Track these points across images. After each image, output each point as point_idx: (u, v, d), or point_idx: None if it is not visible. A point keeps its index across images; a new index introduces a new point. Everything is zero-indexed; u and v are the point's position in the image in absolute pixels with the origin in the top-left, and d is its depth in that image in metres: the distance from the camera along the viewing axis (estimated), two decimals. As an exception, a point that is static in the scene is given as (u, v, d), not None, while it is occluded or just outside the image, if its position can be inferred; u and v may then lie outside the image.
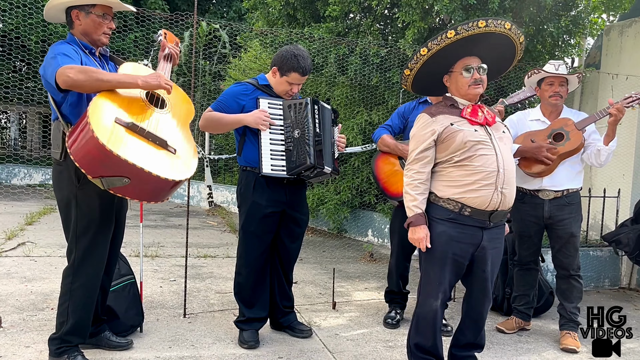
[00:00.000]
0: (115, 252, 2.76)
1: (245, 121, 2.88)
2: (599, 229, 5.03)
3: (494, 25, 2.31)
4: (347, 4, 5.91)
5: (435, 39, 2.35)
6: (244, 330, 3.03)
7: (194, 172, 2.39)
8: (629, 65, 5.13)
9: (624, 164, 5.08)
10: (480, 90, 2.44)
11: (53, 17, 2.53)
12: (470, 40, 2.35)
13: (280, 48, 3.02)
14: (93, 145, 2.09)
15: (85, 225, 2.44)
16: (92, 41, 2.48)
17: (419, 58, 2.40)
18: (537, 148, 3.19)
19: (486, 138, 2.38)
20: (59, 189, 2.48)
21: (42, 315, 3.30)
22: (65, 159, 2.39)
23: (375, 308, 3.92)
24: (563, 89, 3.29)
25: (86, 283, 2.49)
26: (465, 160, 2.34)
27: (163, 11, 12.88)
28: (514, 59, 2.56)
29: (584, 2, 5.81)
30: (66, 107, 2.37)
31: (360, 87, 6.21)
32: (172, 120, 2.47)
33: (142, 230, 3.38)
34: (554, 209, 3.27)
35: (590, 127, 3.25)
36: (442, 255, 2.39)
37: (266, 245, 3.02)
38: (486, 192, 2.32)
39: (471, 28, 2.30)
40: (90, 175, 2.15)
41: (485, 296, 2.52)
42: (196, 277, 4.53)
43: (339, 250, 6.27)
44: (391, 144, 3.46)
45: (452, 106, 2.47)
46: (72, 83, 2.20)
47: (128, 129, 2.21)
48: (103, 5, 2.46)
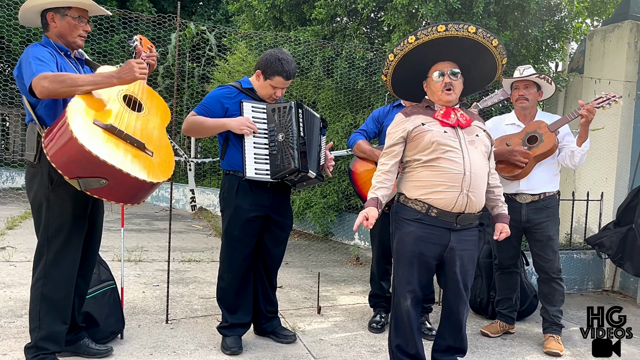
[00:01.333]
0: (91, 256, 2.71)
1: (229, 126, 2.84)
2: (582, 232, 5.06)
3: (454, 29, 2.33)
4: (333, 7, 5.91)
5: (398, 44, 2.42)
6: (227, 336, 2.99)
7: (171, 174, 2.40)
8: (611, 70, 5.18)
9: (607, 167, 5.13)
10: (452, 96, 2.46)
11: (28, 20, 2.51)
12: (440, 45, 2.39)
13: (265, 51, 3.00)
14: (71, 145, 2.08)
15: (57, 228, 2.42)
16: (67, 43, 2.47)
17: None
18: (509, 152, 3.23)
19: (455, 140, 2.40)
20: (32, 191, 2.46)
21: (20, 322, 3.23)
22: (39, 161, 2.37)
23: (360, 312, 3.91)
24: (529, 92, 3.31)
25: (58, 287, 2.45)
26: (433, 161, 2.37)
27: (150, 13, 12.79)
28: (496, 65, 2.54)
29: (568, 7, 5.87)
30: (41, 109, 2.35)
31: (346, 90, 6.20)
32: (149, 123, 2.47)
33: (123, 234, 3.32)
34: (532, 213, 3.29)
35: (564, 130, 3.28)
36: (410, 254, 2.43)
37: (250, 250, 2.99)
38: (451, 194, 2.34)
39: (430, 33, 2.35)
40: (67, 176, 2.13)
41: (459, 298, 2.52)
42: (180, 282, 4.48)
43: (325, 253, 6.25)
44: (367, 149, 3.44)
45: (428, 107, 2.53)
46: (48, 93, 2.20)
47: (106, 131, 2.20)
48: (79, 8, 2.45)
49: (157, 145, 2.40)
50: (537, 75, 3.28)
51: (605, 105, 3.13)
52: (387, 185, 2.47)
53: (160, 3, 14.09)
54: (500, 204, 2.63)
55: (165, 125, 2.59)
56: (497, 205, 2.63)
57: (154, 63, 2.65)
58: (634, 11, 5.30)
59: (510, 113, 3.50)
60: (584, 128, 3.15)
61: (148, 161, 2.28)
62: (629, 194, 4.38)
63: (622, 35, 5.14)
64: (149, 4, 13.24)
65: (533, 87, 3.32)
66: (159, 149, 2.39)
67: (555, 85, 3.36)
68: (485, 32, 2.36)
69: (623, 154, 5.10)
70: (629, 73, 5.08)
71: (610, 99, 3.13)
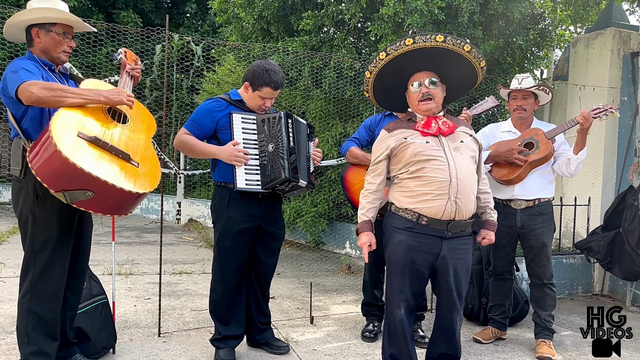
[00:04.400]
0: (81, 270, 2.70)
1: (219, 157, 2.85)
2: (571, 237, 5.12)
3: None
4: (321, 17, 5.96)
5: (394, 44, 2.43)
6: (220, 348, 2.98)
7: (157, 184, 2.40)
8: (595, 77, 5.27)
9: (594, 173, 5.20)
10: (431, 105, 2.47)
11: (13, 35, 2.52)
12: (417, 56, 2.42)
13: (252, 63, 3.01)
14: (56, 158, 2.08)
15: (43, 242, 2.42)
16: (52, 59, 2.47)
17: (377, 62, 2.49)
18: (508, 151, 3.26)
19: (438, 149, 2.41)
20: (18, 205, 2.46)
21: (10, 339, 3.19)
22: (25, 176, 2.38)
23: (353, 321, 3.91)
24: (527, 102, 3.35)
25: (44, 302, 2.44)
26: (419, 171, 2.39)
27: (136, 24, 12.78)
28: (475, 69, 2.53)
29: (551, 15, 5.97)
30: (27, 122, 2.36)
31: (335, 100, 6.24)
32: (134, 134, 2.48)
33: (114, 248, 3.31)
34: (526, 219, 3.32)
35: (560, 138, 3.32)
36: (402, 264, 2.45)
37: (242, 261, 2.99)
38: (439, 202, 2.36)
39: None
40: (52, 189, 2.13)
41: (453, 306, 2.53)
42: (171, 295, 4.46)
43: (317, 263, 6.25)
44: (359, 155, 3.47)
45: (410, 120, 2.55)
46: (36, 99, 2.19)
47: (91, 143, 2.21)
48: (64, 25, 2.46)
49: (143, 156, 2.41)
50: (537, 87, 3.32)
51: (602, 115, 3.18)
52: (376, 204, 2.55)
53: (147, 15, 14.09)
54: (489, 210, 2.65)
55: (151, 136, 2.61)
56: (485, 211, 2.65)
57: (138, 75, 2.67)
58: (616, 18, 5.40)
59: (507, 121, 3.54)
60: (580, 136, 3.18)
61: (134, 172, 2.29)
62: (615, 199, 4.44)
63: (605, 42, 5.23)
64: (135, 15, 13.24)
65: (531, 97, 3.36)
66: (144, 160, 2.40)
67: (552, 94, 3.40)
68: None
69: (609, 159, 5.18)
70: (613, 79, 5.17)
71: (607, 110, 3.18)
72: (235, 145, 2.82)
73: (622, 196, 4.31)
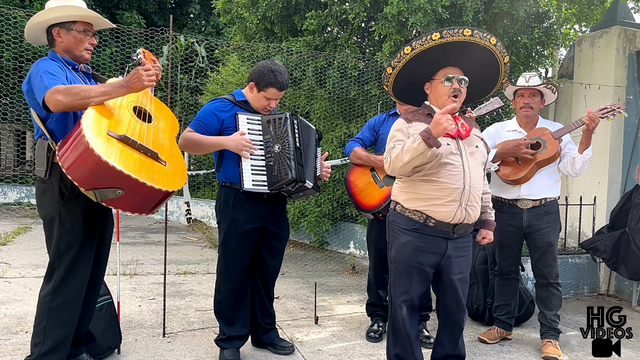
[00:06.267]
0: (101, 269, 2.72)
1: (226, 146, 2.83)
2: (576, 237, 5.09)
3: (479, 36, 2.30)
4: (324, 17, 5.95)
5: (419, 39, 2.33)
6: (225, 348, 2.98)
7: (184, 183, 2.41)
8: (600, 75, 5.24)
9: (599, 172, 5.17)
10: (457, 104, 2.42)
11: (34, 37, 2.52)
12: (454, 50, 2.35)
13: (257, 63, 3.01)
14: (88, 156, 2.08)
15: (69, 243, 2.42)
16: (74, 57, 2.48)
17: (402, 57, 2.38)
18: (515, 146, 3.24)
19: (456, 153, 2.37)
20: (43, 206, 2.45)
21: (15, 339, 3.20)
22: (50, 176, 2.38)
23: (358, 321, 3.90)
24: (534, 100, 3.33)
25: (67, 302, 2.44)
26: (434, 175, 2.34)
27: (139, 25, 12.80)
28: (497, 79, 2.52)
29: (556, 14, 5.95)
30: (52, 123, 2.36)
31: (339, 100, 6.23)
32: (160, 133, 2.49)
33: (118, 248, 3.31)
34: (533, 218, 3.30)
35: (566, 137, 3.30)
36: (408, 264, 2.43)
37: (246, 262, 2.99)
38: (450, 208, 2.34)
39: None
40: (83, 188, 2.14)
41: (458, 305, 2.52)
42: (176, 295, 4.46)
43: (321, 263, 6.24)
44: (363, 155, 3.47)
45: (429, 115, 2.45)
46: (64, 106, 2.20)
47: (120, 142, 2.21)
48: (84, 22, 2.47)
49: (169, 154, 2.42)
50: (545, 85, 3.30)
51: (610, 115, 3.16)
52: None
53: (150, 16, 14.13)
54: (489, 210, 2.64)
55: (175, 136, 2.61)
56: (485, 211, 2.63)
57: (159, 73, 2.66)
58: (621, 17, 5.37)
59: (512, 120, 3.51)
60: (586, 135, 3.17)
61: (162, 170, 2.30)
62: (621, 198, 4.41)
63: (610, 41, 5.20)
64: (138, 16, 13.27)
65: (538, 96, 3.35)
66: (170, 159, 2.41)
67: (558, 93, 3.38)
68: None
69: (614, 158, 5.15)
70: (618, 78, 5.14)
71: (615, 110, 3.15)
72: (242, 135, 2.82)
73: (628, 195, 4.28)
